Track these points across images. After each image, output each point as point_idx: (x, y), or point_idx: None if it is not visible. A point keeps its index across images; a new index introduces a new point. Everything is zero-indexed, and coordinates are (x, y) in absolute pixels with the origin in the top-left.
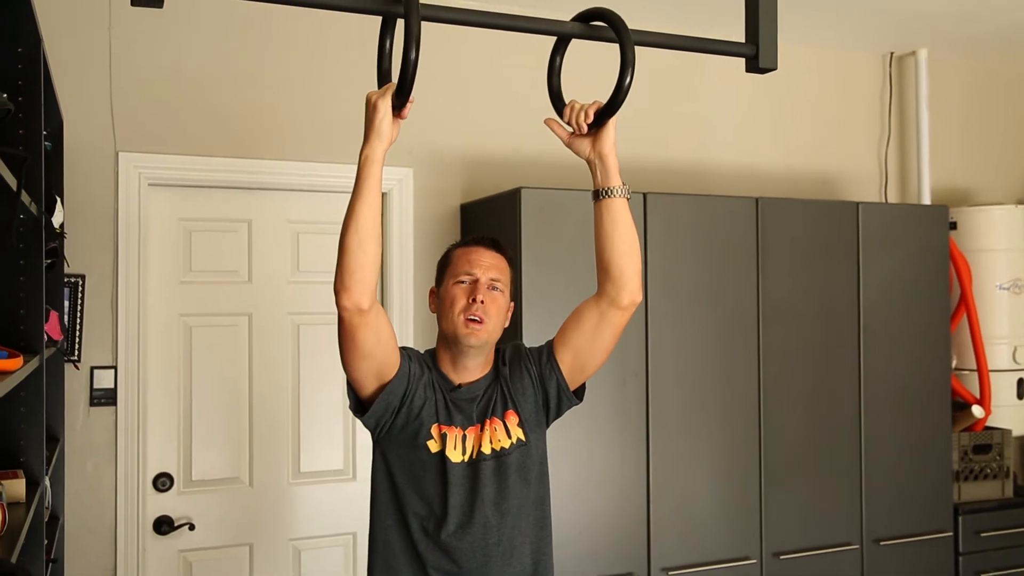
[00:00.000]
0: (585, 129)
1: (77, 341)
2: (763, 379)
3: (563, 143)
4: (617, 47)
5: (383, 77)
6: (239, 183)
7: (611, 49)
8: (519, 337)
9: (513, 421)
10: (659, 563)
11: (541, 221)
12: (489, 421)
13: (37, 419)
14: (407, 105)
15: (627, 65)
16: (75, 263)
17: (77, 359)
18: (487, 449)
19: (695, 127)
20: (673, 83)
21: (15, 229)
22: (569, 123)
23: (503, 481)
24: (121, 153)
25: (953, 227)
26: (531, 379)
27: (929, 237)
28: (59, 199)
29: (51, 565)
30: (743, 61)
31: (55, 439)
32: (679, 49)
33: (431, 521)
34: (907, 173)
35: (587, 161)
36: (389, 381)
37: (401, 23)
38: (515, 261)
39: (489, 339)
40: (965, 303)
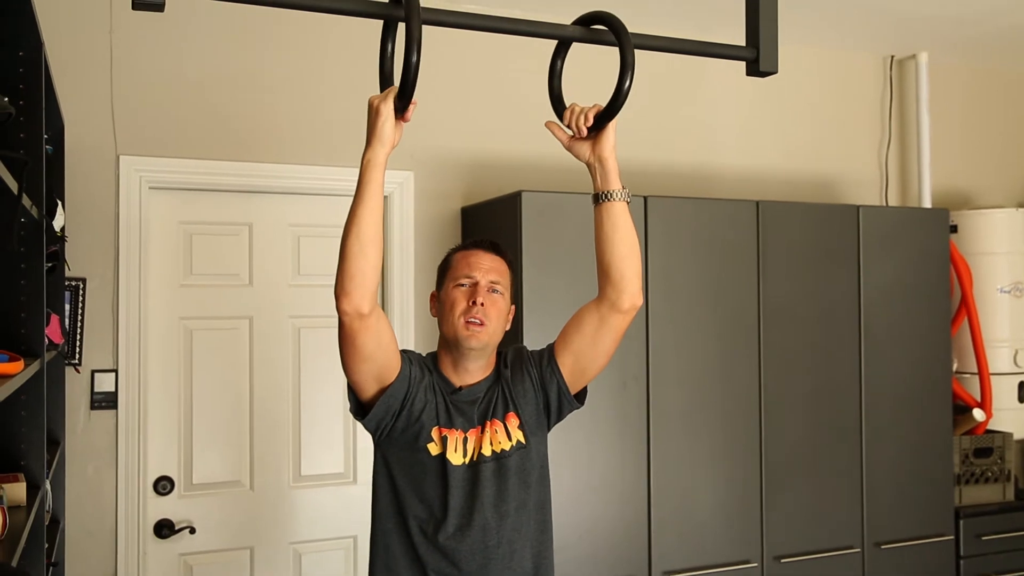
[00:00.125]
0: (585, 132)
1: (78, 344)
2: (764, 383)
3: (563, 146)
4: (618, 50)
5: (385, 81)
6: (240, 186)
7: (612, 53)
8: (519, 340)
9: (514, 423)
10: (660, 566)
11: (541, 224)
12: (490, 423)
13: (38, 422)
14: (409, 108)
15: (627, 68)
16: (76, 266)
17: (78, 362)
18: (487, 451)
19: (695, 130)
20: (673, 86)
21: (16, 233)
22: (569, 126)
23: (503, 483)
24: (122, 156)
25: (954, 230)
26: (532, 382)
27: (930, 240)
28: (60, 202)
29: (52, 569)
30: (743, 64)
31: (56, 442)
32: (679, 53)
33: (431, 523)
34: (908, 176)
35: (587, 164)
36: (390, 384)
37: (402, 26)
38: (515, 264)
39: (490, 341)
40: (966, 306)
